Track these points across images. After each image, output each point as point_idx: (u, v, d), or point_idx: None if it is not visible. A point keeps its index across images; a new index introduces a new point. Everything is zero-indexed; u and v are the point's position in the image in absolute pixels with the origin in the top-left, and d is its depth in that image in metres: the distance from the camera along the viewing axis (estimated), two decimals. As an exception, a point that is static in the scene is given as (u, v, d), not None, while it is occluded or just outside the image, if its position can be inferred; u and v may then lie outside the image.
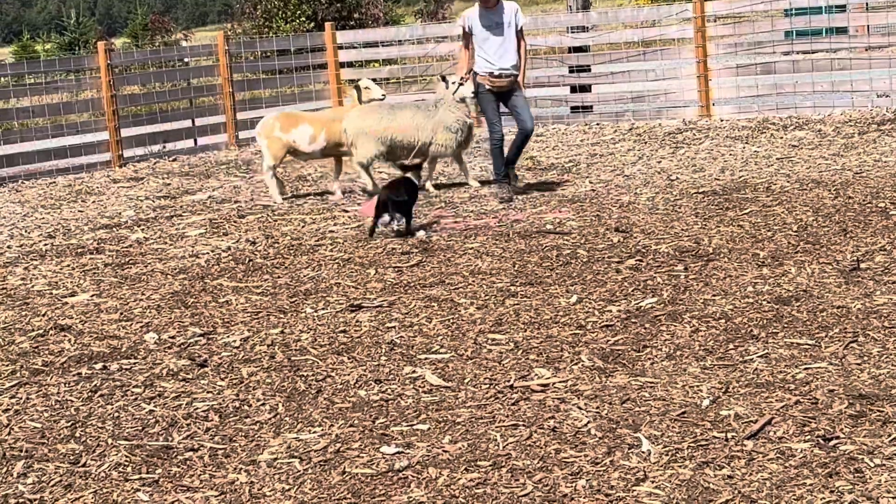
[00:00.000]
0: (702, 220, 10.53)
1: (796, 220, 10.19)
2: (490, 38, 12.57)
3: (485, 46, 12.60)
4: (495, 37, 12.56)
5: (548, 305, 8.14)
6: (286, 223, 12.13)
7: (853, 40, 21.90)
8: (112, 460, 5.85)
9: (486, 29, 12.58)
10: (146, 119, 20.26)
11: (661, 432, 5.66)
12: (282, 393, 6.71)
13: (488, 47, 12.58)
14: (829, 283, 8.12)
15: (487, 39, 12.58)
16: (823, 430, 5.51)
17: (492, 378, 6.69)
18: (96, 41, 29.92)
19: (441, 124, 13.31)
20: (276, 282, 9.49)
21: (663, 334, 7.26)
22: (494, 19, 12.58)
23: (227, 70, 20.06)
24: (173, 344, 7.88)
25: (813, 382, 6.18)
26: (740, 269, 8.71)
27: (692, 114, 18.66)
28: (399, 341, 7.55)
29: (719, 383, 6.28)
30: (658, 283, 8.53)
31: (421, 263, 9.75)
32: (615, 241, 10.01)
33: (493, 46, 12.57)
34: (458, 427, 5.96)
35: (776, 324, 7.27)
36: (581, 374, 6.63)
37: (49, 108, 20.06)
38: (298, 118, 13.98)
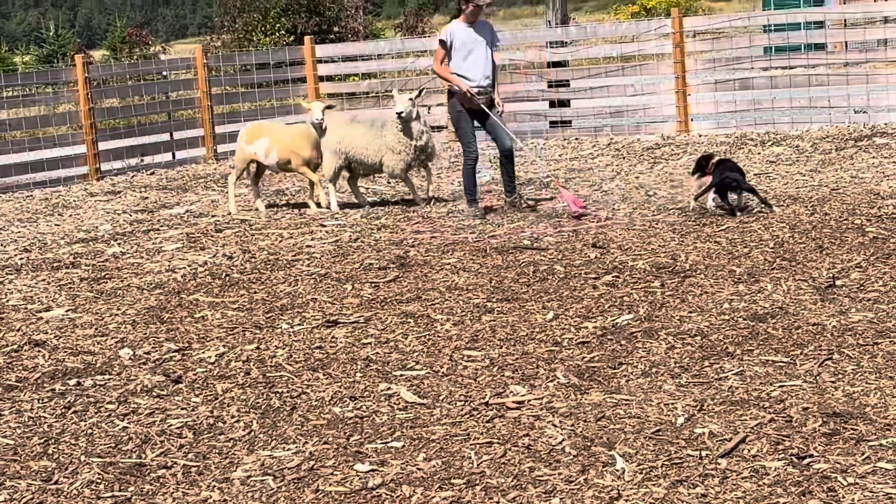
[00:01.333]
0: (678, 237, 10.55)
1: (773, 237, 10.20)
2: (471, 54, 12.51)
3: (466, 63, 12.53)
4: (477, 53, 12.51)
5: (524, 322, 8.14)
6: (263, 238, 12.10)
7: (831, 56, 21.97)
8: (85, 478, 5.82)
9: (467, 45, 12.52)
10: (124, 132, 20.22)
11: (635, 450, 5.65)
12: (256, 409, 6.68)
13: (470, 63, 12.52)
14: (804, 300, 8.13)
15: (469, 55, 12.51)
16: (797, 449, 5.51)
17: (467, 395, 6.68)
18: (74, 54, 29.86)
19: (385, 147, 13.27)
20: (253, 297, 9.46)
21: (639, 351, 7.26)
22: (475, 36, 12.53)
23: (206, 83, 20.03)
24: (148, 360, 7.84)
25: (787, 400, 6.18)
26: (716, 285, 8.72)
27: (671, 129, 18.71)
28: (375, 357, 7.53)
29: (694, 401, 6.28)
30: (634, 299, 8.53)
31: (398, 279, 9.74)
32: (592, 256, 10.02)
33: (475, 63, 12.50)
34: (432, 444, 5.94)
35: (751, 341, 7.28)
36: (556, 392, 6.62)
37: (26, 120, 19.99)
38: (262, 130, 14.07)
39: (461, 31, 12.54)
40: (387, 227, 12.21)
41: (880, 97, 17.96)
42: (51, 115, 20.85)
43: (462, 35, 12.51)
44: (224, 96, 21.81)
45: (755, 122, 18.42)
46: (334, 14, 36.32)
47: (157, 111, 21.58)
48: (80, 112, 18.57)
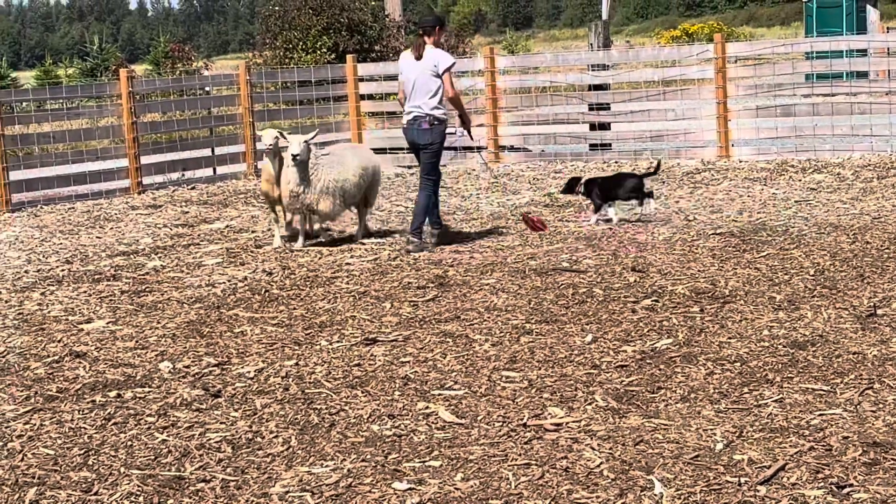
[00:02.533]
0: (719, 262, 10.52)
1: (813, 264, 10.17)
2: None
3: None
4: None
5: (563, 344, 8.14)
6: (303, 254, 12.15)
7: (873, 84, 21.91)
8: (124, 489, 5.85)
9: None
10: (166, 147, 20.34)
11: (673, 475, 5.65)
12: (295, 426, 6.71)
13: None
14: (845, 328, 8.10)
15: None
16: (837, 477, 5.48)
17: (505, 416, 6.69)
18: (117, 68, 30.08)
19: (317, 190, 12.49)
20: (292, 313, 9.50)
21: (678, 376, 7.25)
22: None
23: (248, 100, 20.14)
24: (188, 373, 7.89)
25: (827, 429, 6.16)
26: (756, 312, 8.70)
27: (711, 154, 18.67)
28: (413, 376, 7.55)
29: (733, 427, 6.27)
30: (674, 324, 8.52)
31: (436, 298, 9.76)
32: (631, 280, 10.01)
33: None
34: (470, 464, 5.95)
35: (791, 368, 7.26)
36: (595, 415, 6.62)
37: (70, 133, 20.13)
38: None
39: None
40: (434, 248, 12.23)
41: (923, 126, 17.87)
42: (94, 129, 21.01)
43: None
44: (265, 113, 21.93)
45: (796, 149, 18.37)
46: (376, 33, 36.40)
47: (198, 126, 21.70)
48: (122, 126, 18.70)
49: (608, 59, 20.60)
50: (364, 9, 36.64)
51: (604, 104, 20.25)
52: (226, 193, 17.91)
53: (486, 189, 16.93)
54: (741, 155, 18.55)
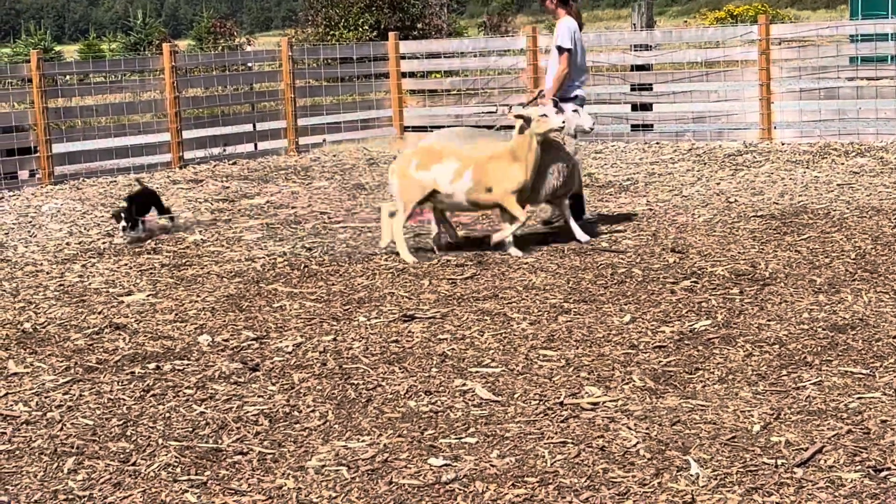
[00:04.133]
0: (759, 244, 10.47)
1: (854, 248, 10.11)
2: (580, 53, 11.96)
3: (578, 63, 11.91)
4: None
5: (601, 324, 8.13)
6: (342, 231, 12.17)
7: (919, 68, 21.71)
8: (162, 460, 5.89)
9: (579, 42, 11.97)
10: (208, 122, 20.40)
11: (710, 456, 5.63)
12: (332, 400, 6.73)
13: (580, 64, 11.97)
14: (885, 312, 8.05)
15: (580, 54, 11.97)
16: (874, 461, 5.46)
17: (542, 394, 6.69)
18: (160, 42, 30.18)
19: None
20: (331, 289, 9.52)
21: (716, 357, 7.23)
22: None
23: (290, 76, 20.17)
24: (226, 347, 7.93)
25: (866, 412, 6.13)
26: (796, 294, 8.66)
27: (753, 136, 18.55)
28: (450, 353, 7.56)
29: (771, 409, 6.25)
30: (713, 305, 8.49)
31: (475, 276, 9.76)
32: (671, 261, 9.97)
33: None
34: (506, 442, 5.96)
35: (830, 351, 7.22)
36: (631, 394, 6.61)
37: (112, 107, 20.23)
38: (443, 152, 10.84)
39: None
40: (463, 225, 12.24)
41: (968, 110, 17.71)
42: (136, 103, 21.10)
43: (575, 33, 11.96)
44: (307, 89, 21.96)
45: (839, 132, 18.22)
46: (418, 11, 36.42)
47: (240, 102, 21.75)
48: (165, 100, 18.76)
49: (651, 39, 20.50)
50: (406, -14, 36.65)
51: (646, 85, 20.15)
52: (266, 169, 17.95)
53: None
54: (783, 137, 18.43)
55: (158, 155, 18.66)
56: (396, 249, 10.58)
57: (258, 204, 14.37)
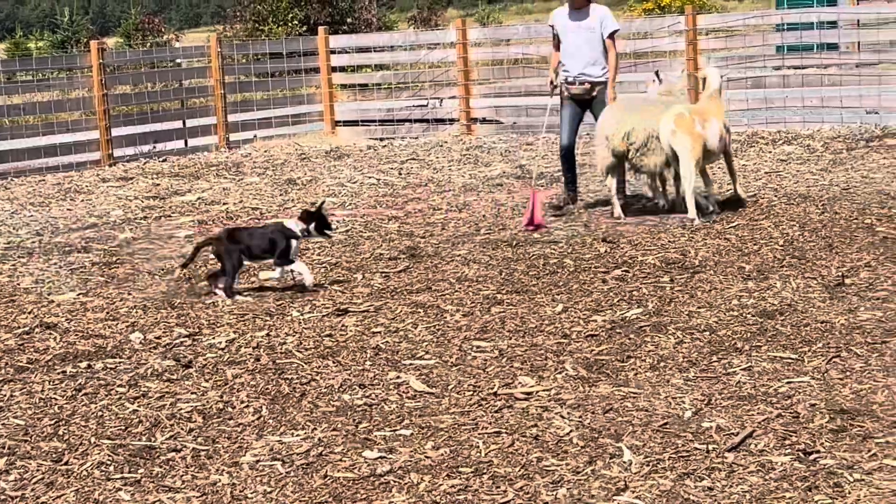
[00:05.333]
0: (689, 233, 10.57)
1: (783, 235, 10.22)
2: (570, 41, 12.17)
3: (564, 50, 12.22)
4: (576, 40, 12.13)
5: (533, 314, 8.17)
6: (274, 226, 12.13)
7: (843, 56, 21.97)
8: (95, 459, 5.86)
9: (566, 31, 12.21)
10: (137, 119, 20.26)
11: (642, 443, 5.68)
12: (266, 395, 6.72)
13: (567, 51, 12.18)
14: (813, 297, 8.15)
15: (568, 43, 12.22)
16: (804, 444, 5.53)
17: (476, 385, 6.71)
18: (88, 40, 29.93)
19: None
20: (263, 284, 9.49)
21: (647, 345, 7.29)
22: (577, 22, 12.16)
23: (220, 72, 20.07)
24: (158, 344, 7.89)
25: (795, 396, 6.21)
26: (726, 281, 8.75)
27: (682, 126, 18.64)
28: (384, 346, 7.57)
29: (702, 395, 6.31)
30: (644, 293, 8.56)
31: (408, 269, 9.77)
32: (602, 251, 10.04)
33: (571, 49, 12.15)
34: (440, 433, 5.98)
35: (760, 337, 7.31)
36: (565, 383, 6.65)
37: (40, 105, 20.03)
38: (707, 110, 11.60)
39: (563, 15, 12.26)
40: (397, 219, 12.25)
41: (892, 98, 17.93)
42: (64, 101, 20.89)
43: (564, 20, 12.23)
44: (237, 85, 21.86)
45: (767, 121, 18.39)
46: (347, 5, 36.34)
47: (170, 98, 21.63)
48: (93, 98, 18.61)
49: (580, 31, 20.55)
50: (335, -19, 36.59)
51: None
52: (197, 166, 17.85)
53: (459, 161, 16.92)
54: (712, 127, 18.54)
55: (88, 153, 18.50)
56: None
57: (189, 201, 14.29)
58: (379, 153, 18.45)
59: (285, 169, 16.78)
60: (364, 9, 37.10)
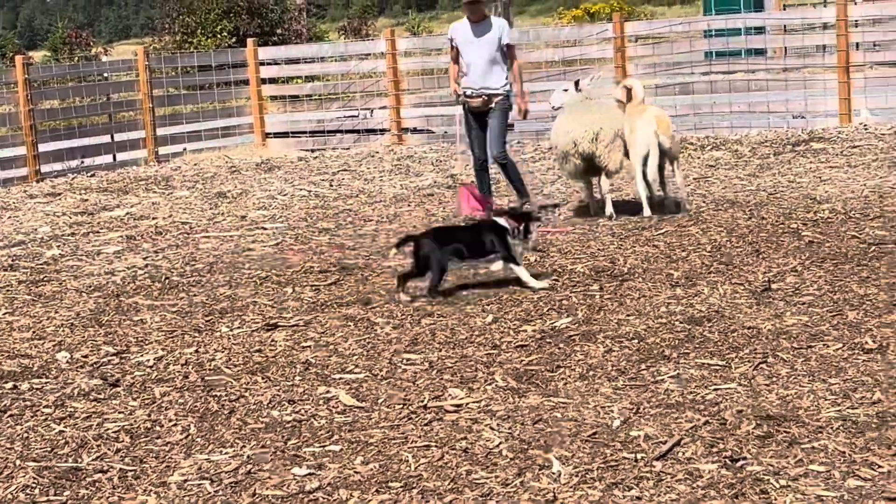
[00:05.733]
0: (618, 240, 10.62)
1: (710, 241, 10.29)
2: (468, 53, 12.08)
3: (464, 62, 12.14)
4: (474, 52, 12.07)
5: (463, 325, 8.17)
6: (205, 240, 12.06)
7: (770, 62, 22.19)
8: (20, 482, 5.78)
9: (465, 43, 12.12)
10: (64, 134, 20.07)
11: (571, 453, 5.69)
12: (194, 413, 6.67)
13: (466, 63, 12.10)
14: (740, 303, 8.21)
15: (466, 54, 12.12)
16: (731, 451, 5.56)
17: (406, 398, 6.70)
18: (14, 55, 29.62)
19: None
20: (192, 300, 9.43)
21: (577, 354, 7.30)
22: (476, 34, 12.06)
23: (147, 85, 19.93)
24: (86, 363, 7.80)
25: (722, 403, 6.24)
26: (654, 289, 8.79)
27: (612, 133, 18.73)
28: (314, 361, 7.53)
29: (630, 404, 6.33)
30: (573, 302, 8.58)
31: (339, 282, 9.74)
32: (532, 260, 10.05)
33: (471, 63, 12.09)
34: (370, 448, 5.95)
35: (688, 344, 7.35)
36: (494, 395, 6.65)
37: (-36, 122, 19.81)
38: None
39: (463, 28, 12.15)
40: (328, 231, 12.22)
41: (818, 102, 18.16)
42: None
43: (464, 33, 12.12)
44: (166, 98, 21.72)
45: (695, 127, 18.55)
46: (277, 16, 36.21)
47: (97, 113, 21.45)
48: (19, 113, 18.42)
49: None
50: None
51: (505, 85, 20.26)
52: (126, 180, 17.72)
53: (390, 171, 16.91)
54: (641, 133, 18.64)
55: (14, 169, 18.33)
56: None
57: (118, 216, 14.18)
58: (310, 165, 18.41)
59: (215, 182, 16.69)
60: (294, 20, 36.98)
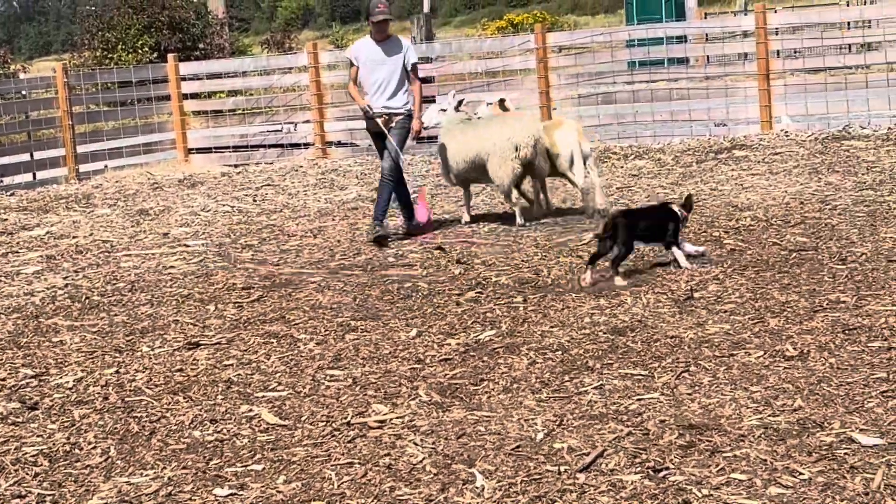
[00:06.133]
0: (542, 251, 10.62)
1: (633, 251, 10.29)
2: (373, 73, 12.00)
3: (368, 82, 12.06)
4: (379, 72, 12.01)
5: (387, 340, 8.13)
6: (126, 259, 11.93)
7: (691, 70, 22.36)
8: (-66, 510, 5.67)
9: (369, 63, 12.03)
10: (-18, 153, 19.81)
11: (495, 467, 5.67)
12: (114, 435, 6.58)
13: (371, 83, 12.03)
14: (663, 312, 8.24)
15: (371, 74, 12.03)
16: (654, 462, 5.57)
17: (329, 415, 6.65)
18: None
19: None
20: (113, 320, 9.32)
21: (501, 367, 7.29)
22: (382, 54, 12.00)
23: (67, 102, 19.72)
24: (3, 386, 7.67)
25: (645, 413, 6.25)
26: (578, 299, 8.80)
27: (536, 144, 18.77)
28: (236, 379, 7.46)
29: (554, 416, 6.32)
30: (497, 315, 8.57)
31: (261, 299, 9.67)
32: (456, 272, 10.04)
33: (377, 82, 12.03)
34: (293, 467, 5.90)
35: (611, 355, 7.35)
36: (418, 410, 6.62)
37: None
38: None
39: (367, 47, 12.08)
40: (251, 247, 12.14)
41: (739, 110, 18.31)
42: None
43: (368, 52, 12.05)
44: (86, 115, 21.49)
45: (618, 136, 18.65)
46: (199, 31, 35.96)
47: (16, 131, 21.19)
48: (-64, 133, 18.16)
49: (431, 51, 20.66)
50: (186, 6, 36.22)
51: (428, 98, 20.28)
52: (46, 199, 17.50)
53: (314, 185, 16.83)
54: (565, 143, 18.69)
55: (-68, 189, 18.05)
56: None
57: (38, 235, 13.99)
58: (233, 180, 18.28)
59: (137, 199, 16.54)
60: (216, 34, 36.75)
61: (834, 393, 6.33)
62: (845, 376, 6.58)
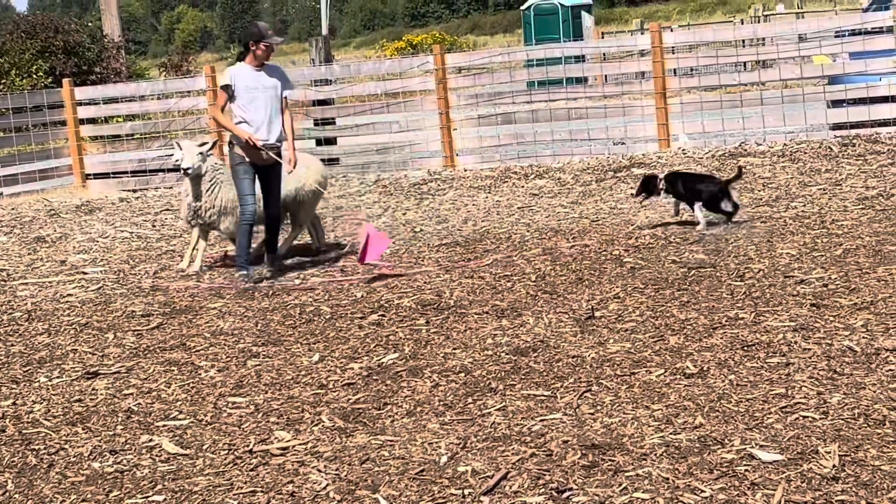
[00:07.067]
0: (444, 272, 10.63)
1: (535, 270, 10.37)
2: (255, 101, 11.07)
3: (249, 110, 11.06)
4: (262, 100, 11.11)
5: (290, 365, 8.08)
6: (22, 287, 11.74)
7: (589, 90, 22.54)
8: None
9: (250, 90, 11.08)
10: None
11: (399, 492, 5.65)
12: (11, 469, 6.46)
13: (253, 111, 11.04)
14: (565, 332, 8.28)
15: (252, 102, 11.07)
16: (557, 482, 5.58)
17: (231, 443, 6.59)
18: None
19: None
20: (10, 350, 9.16)
21: (404, 390, 7.27)
22: (262, 81, 11.15)
23: (-40, 129, 19.40)
24: None
25: (548, 434, 6.27)
26: (480, 321, 8.81)
27: (437, 164, 18.87)
28: (136, 409, 7.37)
29: (458, 438, 6.32)
30: (400, 337, 8.56)
31: (161, 326, 9.57)
32: (359, 295, 10.02)
33: (258, 111, 11.06)
34: (194, 497, 5.83)
35: (514, 375, 7.37)
36: (321, 435, 6.58)
37: None
38: None
39: (245, 74, 11.10)
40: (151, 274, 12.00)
41: (637, 128, 18.48)
42: None
43: (246, 79, 11.08)
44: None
45: (518, 156, 18.74)
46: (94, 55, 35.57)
47: None
48: None
49: (330, 73, 20.63)
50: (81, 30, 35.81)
51: (329, 119, 20.27)
52: (-60, 227, 17.17)
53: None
54: (466, 164, 18.80)
55: None
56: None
57: (-69, 265, 13.72)
58: (132, 205, 18.08)
59: (34, 226, 16.29)
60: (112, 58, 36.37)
61: (734, 409, 6.39)
62: (745, 393, 6.65)
